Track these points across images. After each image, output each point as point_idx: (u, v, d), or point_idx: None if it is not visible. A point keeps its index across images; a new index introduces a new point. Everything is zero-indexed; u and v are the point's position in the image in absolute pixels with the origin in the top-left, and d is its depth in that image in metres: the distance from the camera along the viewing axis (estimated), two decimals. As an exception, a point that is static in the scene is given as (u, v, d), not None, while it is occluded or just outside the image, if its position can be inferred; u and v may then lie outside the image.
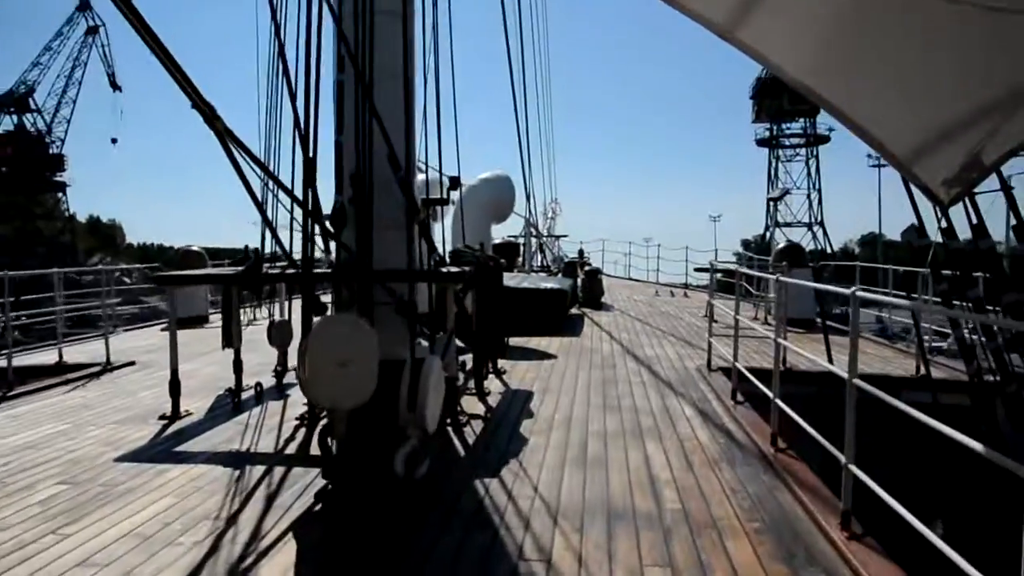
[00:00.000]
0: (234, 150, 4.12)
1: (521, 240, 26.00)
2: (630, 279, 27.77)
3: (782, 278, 6.67)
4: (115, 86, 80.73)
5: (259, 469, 5.50)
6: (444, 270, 6.76)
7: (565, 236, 33.98)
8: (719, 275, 13.32)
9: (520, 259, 23.39)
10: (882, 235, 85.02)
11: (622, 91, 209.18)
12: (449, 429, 6.53)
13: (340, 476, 4.65)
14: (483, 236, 11.82)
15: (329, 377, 4.44)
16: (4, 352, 8.90)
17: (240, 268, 6.97)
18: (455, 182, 8.62)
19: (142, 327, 15.39)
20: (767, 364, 9.25)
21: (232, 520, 4.47)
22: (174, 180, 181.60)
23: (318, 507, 4.67)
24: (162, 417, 7.18)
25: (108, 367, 9.97)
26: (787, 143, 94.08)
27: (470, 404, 7.44)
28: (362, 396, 4.51)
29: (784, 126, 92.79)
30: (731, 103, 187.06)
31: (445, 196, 8.43)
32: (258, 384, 8.08)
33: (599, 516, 4.47)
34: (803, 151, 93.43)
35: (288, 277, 6.79)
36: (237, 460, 5.76)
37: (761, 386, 6.51)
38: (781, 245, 15.89)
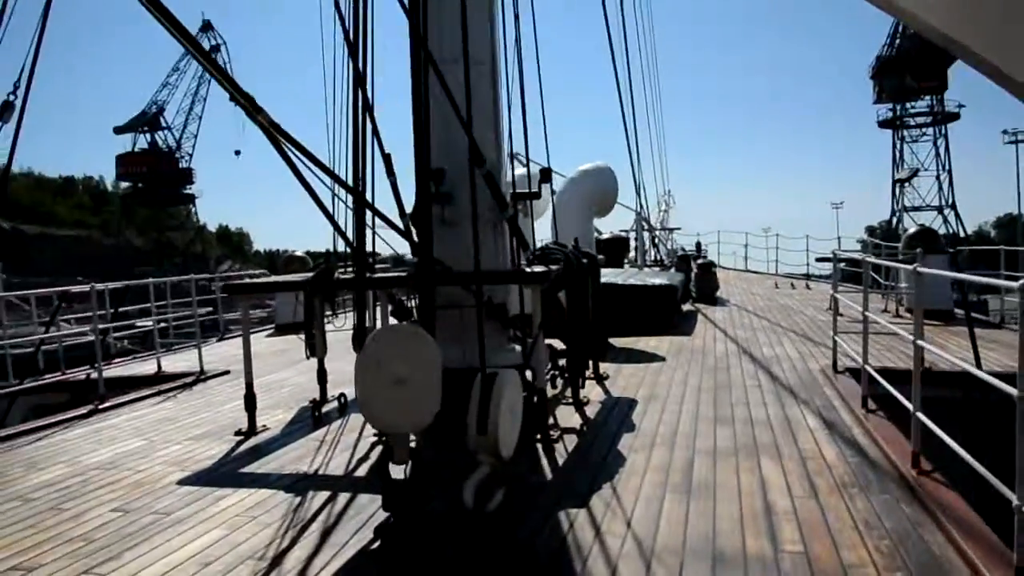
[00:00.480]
0: (287, 149, 3.73)
1: (632, 234, 25.23)
2: (748, 271, 26.42)
3: (920, 268, 5.76)
4: (236, 101, 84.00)
5: (323, 495, 5.09)
6: (528, 270, 6.22)
7: (678, 229, 32.91)
8: (843, 264, 12.17)
9: (631, 253, 22.62)
10: (1021, 215, 79.19)
11: (735, 78, 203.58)
12: (539, 446, 5.94)
13: (401, 507, 4.08)
14: (583, 230, 11.24)
15: (384, 397, 3.93)
16: (98, 364, 8.92)
17: (311, 274, 6.67)
18: (546, 174, 8.09)
19: (254, 332, 15.51)
20: (901, 363, 8.31)
21: (278, 560, 4.06)
22: (294, 186, 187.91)
23: (375, 544, 4.18)
24: (238, 432, 6.93)
25: (201, 377, 9.88)
26: (912, 123, 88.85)
27: (565, 416, 6.91)
28: (423, 419, 4.00)
29: (908, 105, 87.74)
30: (850, 84, 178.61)
31: (536, 189, 7.89)
32: (342, 395, 7.65)
33: (701, 561, 3.78)
34: (930, 130, 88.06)
35: (354, 283, 6.31)
36: (301, 484, 5.39)
37: (897, 394, 5.62)
38: (912, 230, 14.59)
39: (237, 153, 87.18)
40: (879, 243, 21.80)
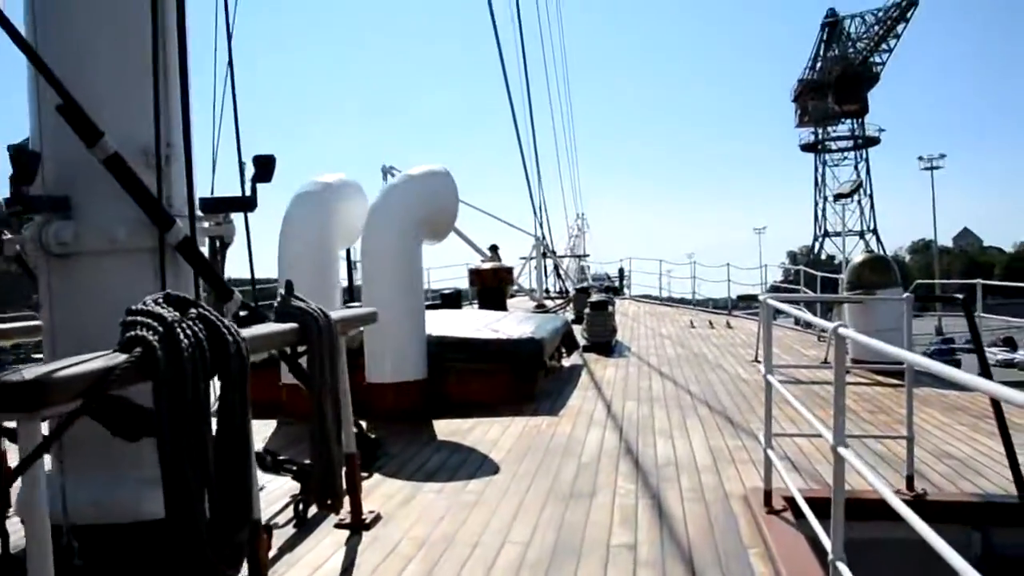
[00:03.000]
0: None
1: (531, 263, 21.91)
2: (664, 302, 23.05)
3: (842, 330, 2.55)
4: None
5: None
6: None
7: (587, 256, 29.91)
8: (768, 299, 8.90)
9: (514, 286, 19.06)
10: (936, 242, 79.29)
11: (656, 104, 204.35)
12: None
13: None
14: (407, 263, 7.51)
15: None
16: None
17: None
18: (265, 167, 4.51)
19: None
20: (883, 468, 5.04)
21: None
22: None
23: None
24: None
25: None
26: (834, 147, 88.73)
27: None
28: None
29: (830, 129, 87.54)
30: (771, 107, 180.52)
31: (250, 192, 4.36)
32: None
33: None
34: (851, 154, 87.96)
35: None
36: None
37: None
38: (858, 258, 11.18)
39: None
40: (803, 269, 18.89)
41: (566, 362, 10.30)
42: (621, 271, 29.60)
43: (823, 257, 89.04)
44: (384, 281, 7.45)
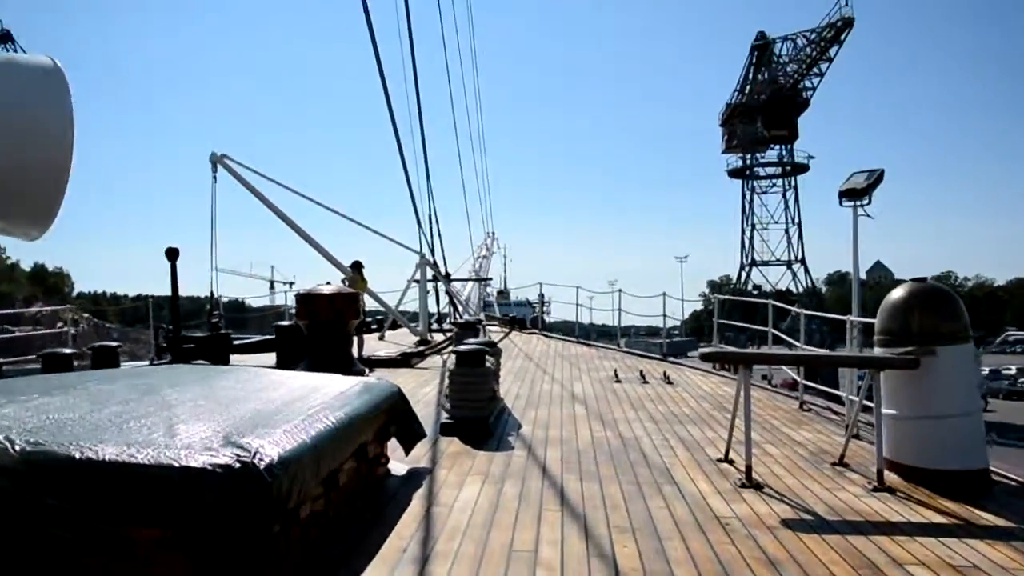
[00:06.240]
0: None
1: (412, 286, 17.36)
2: (580, 342, 17.76)
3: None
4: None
5: None
6: None
7: (489, 279, 25.57)
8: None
9: (357, 318, 14.21)
10: (853, 273, 77.60)
11: (578, 128, 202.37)
12: None
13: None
14: None
15: None
16: None
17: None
18: None
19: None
20: None
21: None
22: (122, 225, 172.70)
23: None
24: None
25: None
26: (762, 173, 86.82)
27: None
28: None
29: (758, 155, 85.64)
30: (698, 132, 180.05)
31: None
32: None
33: None
34: (779, 182, 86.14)
35: None
36: None
37: None
38: (901, 292, 6.01)
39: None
40: (727, 298, 14.53)
41: (398, 466, 5.67)
42: (541, 297, 25.47)
43: (749, 287, 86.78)
44: None
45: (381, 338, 17.06)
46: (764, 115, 78.03)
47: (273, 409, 4.19)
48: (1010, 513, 4.51)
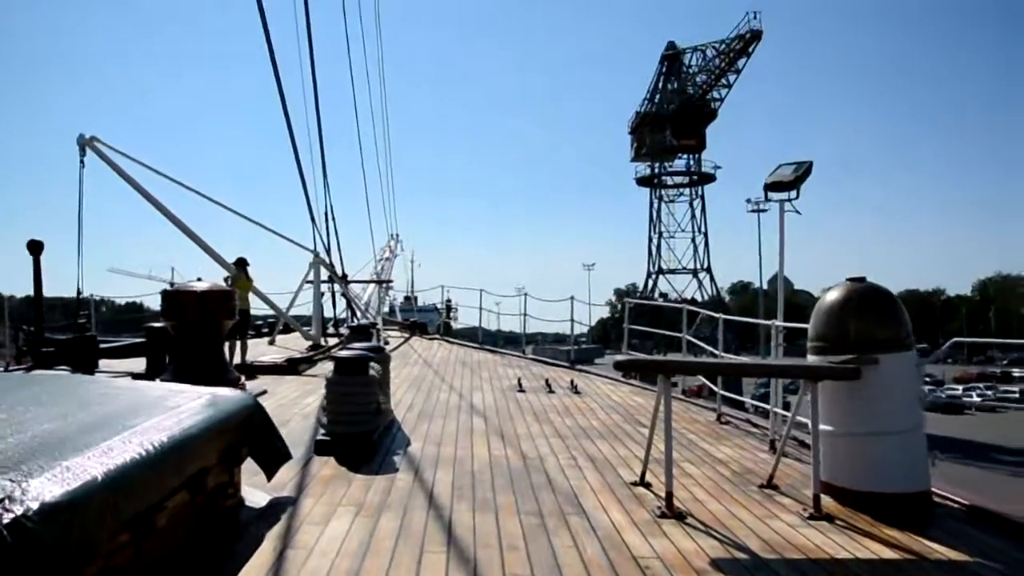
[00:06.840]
0: None
1: (306, 287, 16.26)
2: (485, 348, 16.76)
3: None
4: None
5: None
6: None
7: (391, 283, 24.56)
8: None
9: (232, 318, 13.06)
10: (761, 284, 79.62)
11: (485, 133, 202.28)
12: None
13: None
14: None
15: None
16: None
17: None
18: None
19: None
20: None
21: None
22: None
23: None
24: None
25: None
26: (670, 182, 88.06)
27: None
28: None
29: (666, 164, 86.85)
30: (610, 139, 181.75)
31: None
32: None
33: None
34: (687, 191, 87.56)
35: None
36: None
37: None
38: (835, 294, 5.18)
39: None
40: (635, 302, 13.98)
41: (256, 495, 4.72)
42: (449, 304, 24.65)
43: (656, 295, 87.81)
44: None
45: (271, 342, 15.87)
46: (673, 124, 79.17)
47: (72, 432, 3.19)
48: (962, 544, 3.93)
